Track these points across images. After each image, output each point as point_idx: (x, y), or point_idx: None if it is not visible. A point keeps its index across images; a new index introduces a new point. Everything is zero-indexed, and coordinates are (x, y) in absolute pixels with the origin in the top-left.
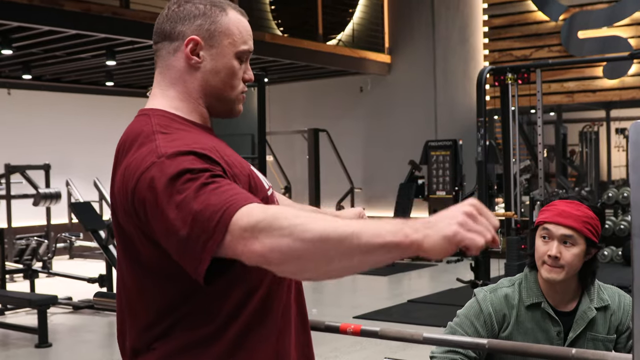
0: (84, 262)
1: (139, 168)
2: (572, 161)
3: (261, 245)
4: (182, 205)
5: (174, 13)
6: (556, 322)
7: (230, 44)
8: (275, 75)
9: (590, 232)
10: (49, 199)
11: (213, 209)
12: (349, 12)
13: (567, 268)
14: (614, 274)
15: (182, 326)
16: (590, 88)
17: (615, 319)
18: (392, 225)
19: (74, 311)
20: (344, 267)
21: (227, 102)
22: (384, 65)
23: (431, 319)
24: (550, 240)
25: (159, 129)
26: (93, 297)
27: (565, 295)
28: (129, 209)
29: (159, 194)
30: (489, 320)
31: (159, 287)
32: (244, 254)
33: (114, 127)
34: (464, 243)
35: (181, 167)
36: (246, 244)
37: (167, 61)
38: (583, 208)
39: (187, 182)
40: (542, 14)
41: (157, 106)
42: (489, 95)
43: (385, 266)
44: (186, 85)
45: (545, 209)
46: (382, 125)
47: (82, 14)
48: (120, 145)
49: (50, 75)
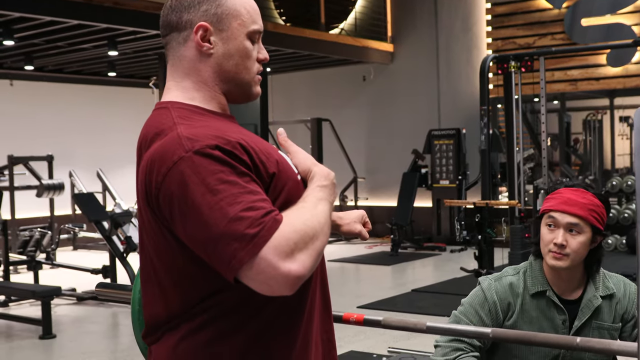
0: (88, 253)
1: (166, 161)
2: (576, 150)
3: (304, 265)
4: (215, 208)
5: (178, 2)
6: (561, 311)
7: (240, 25)
8: (278, 64)
9: (596, 220)
10: (52, 190)
11: (249, 222)
12: (352, 1)
13: (573, 256)
14: (618, 262)
15: (210, 314)
16: (593, 76)
17: (620, 307)
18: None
19: (77, 302)
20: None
21: (244, 86)
22: (386, 54)
23: (435, 308)
24: (556, 228)
25: (180, 121)
26: (95, 287)
27: (571, 283)
28: (154, 203)
29: (190, 191)
30: (494, 309)
31: (180, 282)
32: (286, 279)
33: (116, 118)
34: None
35: (212, 166)
36: (290, 269)
37: (178, 52)
38: (589, 196)
39: (220, 183)
40: (545, 1)
41: (174, 99)
42: (492, 84)
43: (389, 256)
44: (200, 73)
45: (550, 197)
46: (385, 115)
47: (84, 4)
48: (142, 139)
49: (52, 66)
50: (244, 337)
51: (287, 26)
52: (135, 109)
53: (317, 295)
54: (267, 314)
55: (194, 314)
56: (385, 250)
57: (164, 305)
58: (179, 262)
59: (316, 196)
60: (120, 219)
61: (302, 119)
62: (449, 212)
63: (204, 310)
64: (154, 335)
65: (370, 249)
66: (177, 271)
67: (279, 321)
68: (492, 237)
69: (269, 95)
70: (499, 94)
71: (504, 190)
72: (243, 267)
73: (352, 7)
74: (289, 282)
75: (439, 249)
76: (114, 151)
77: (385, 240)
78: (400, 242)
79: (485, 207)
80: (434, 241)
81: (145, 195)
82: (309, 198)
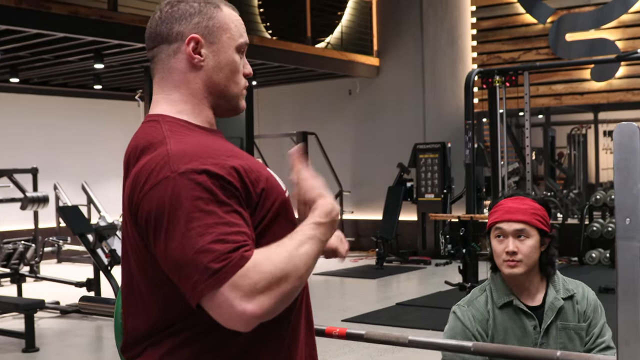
0: (72, 266)
1: (150, 179)
2: (561, 164)
3: (262, 307)
4: (187, 235)
5: (168, 14)
6: (531, 317)
7: (229, 38)
8: (264, 78)
9: (540, 222)
10: (36, 202)
11: (215, 256)
12: (338, 15)
13: (526, 260)
14: (602, 277)
15: (192, 332)
16: (578, 90)
17: (580, 307)
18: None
19: (61, 315)
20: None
21: (232, 99)
22: (372, 68)
23: (420, 322)
24: (504, 238)
25: (171, 135)
26: (79, 301)
27: (531, 288)
28: (134, 217)
29: (166, 214)
30: (477, 334)
31: (161, 297)
32: (241, 319)
33: (101, 131)
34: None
35: (193, 192)
36: (245, 309)
37: (167, 64)
38: (528, 201)
39: (197, 211)
40: (530, 16)
41: (164, 112)
42: (478, 98)
43: (374, 269)
44: (190, 86)
45: (493, 210)
46: (371, 128)
47: (70, 17)
48: (130, 151)
49: (37, 78)
50: (226, 356)
51: (274, 40)
52: (120, 122)
53: (302, 312)
54: (248, 334)
55: (177, 331)
56: (371, 263)
57: (146, 318)
58: (158, 277)
59: (306, 234)
60: (104, 232)
61: (288, 132)
62: (434, 226)
63: (186, 327)
64: (134, 350)
65: (355, 262)
66: (157, 285)
67: (260, 340)
68: (477, 250)
69: (254, 109)
70: (484, 108)
71: (489, 204)
72: (202, 299)
73: (338, 21)
74: (242, 321)
75: (424, 262)
76: (99, 164)
77: (370, 254)
78: (385, 256)
79: (470, 220)
80: (419, 255)
81: (129, 208)
82: (298, 235)
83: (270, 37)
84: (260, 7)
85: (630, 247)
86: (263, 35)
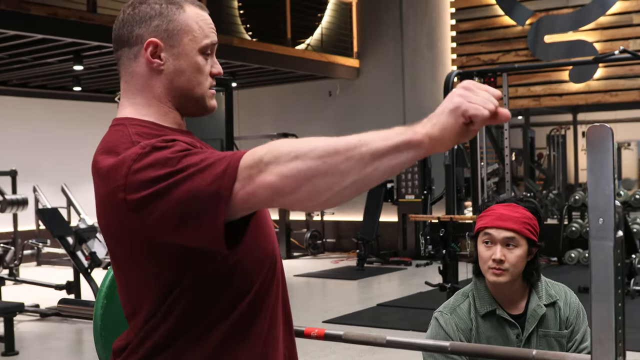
0: (52, 269)
1: (121, 170)
2: (540, 164)
3: (271, 176)
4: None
5: (130, 17)
6: (514, 325)
7: (191, 41)
8: (244, 79)
9: (531, 232)
10: (15, 205)
11: (218, 166)
12: (318, 17)
13: (512, 270)
14: (581, 277)
15: (167, 327)
16: (556, 92)
17: (563, 314)
18: (399, 128)
19: (41, 318)
20: (358, 180)
21: (198, 100)
22: (352, 70)
23: (400, 323)
24: (493, 244)
25: (137, 138)
26: (58, 303)
27: (514, 297)
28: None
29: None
30: (461, 341)
31: (144, 289)
32: (256, 192)
33: (81, 133)
34: (468, 113)
35: (172, 150)
36: (255, 181)
37: (129, 68)
38: (521, 209)
39: (182, 158)
40: (509, 18)
41: (130, 115)
42: None
43: (355, 270)
44: (153, 90)
45: (483, 214)
46: (351, 130)
47: (49, 19)
48: (96, 155)
49: (16, 80)
50: (204, 349)
51: (253, 41)
52: (100, 124)
53: (279, 312)
54: (224, 328)
55: (145, 337)
56: (351, 264)
57: (130, 310)
58: (137, 250)
59: (371, 133)
60: (84, 235)
61: (268, 133)
62: (415, 227)
63: (157, 325)
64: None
65: (336, 263)
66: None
67: (238, 336)
68: (457, 251)
69: (234, 110)
70: None
71: (469, 205)
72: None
73: (318, 23)
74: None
75: (404, 263)
76: (79, 166)
77: (351, 255)
78: (366, 257)
79: (450, 221)
80: (400, 256)
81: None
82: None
83: (250, 39)
84: (240, 8)
85: (604, 247)
86: (243, 36)
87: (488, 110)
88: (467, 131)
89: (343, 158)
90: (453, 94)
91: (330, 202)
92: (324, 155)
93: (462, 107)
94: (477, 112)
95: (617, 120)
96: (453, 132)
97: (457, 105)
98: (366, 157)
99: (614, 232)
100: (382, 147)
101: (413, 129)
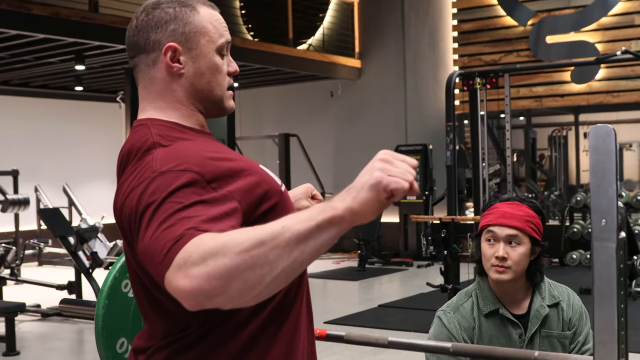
0: (53, 269)
1: (133, 184)
2: (542, 165)
3: (194, 280)
4: (158, 231)
5: (144, 23)
6: (517, 325)
7: (208, 42)
8: (246, 80)
9: (534, 231)
10: (17, 205)
11: (165, 242)
12: (319, 17)
13: (515, 267)
14: (582, 278)
15: (196, 327)
16: (558, 92)
17: (566, 315)
18: (319, 206)
19: (42, 319)
20: (288, 266)
21: (218, 102)
22: (354, 70)
23: (401, 324)
24: (496, 242)
25: (159, 139)
26: (59, 303)
27: (517, 296)
28: (124, 223)
29: (141, 208)
30: (462, 341)
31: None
32: (179, 296)
33: (83, 133)
34: (390, 188)
35: (172, 185)
36: (178, 284)
37: (148, 75)
38: (524, 208)
39: (168, 202)
40: (511, 19)
41: (152, 116)
42: (459, 100)
43: (356, 271)
44: (175, 94)
45: (487, 212)
46: (353, 130)
47: (51, 18)
48: (124, 157)
49: (18, 79)
50: (232, 348)
51: (255, 41)
52: (102, 124)
53: (304, 309)
54: (252, 328)
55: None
56: (353, 265)
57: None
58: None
59: (294, 216)
60: (86, 235)
61: (270, 134)
62: (416, 228)
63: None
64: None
65: (337, 264)
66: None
67: (266, 335)
68: (458, 252)
69: (236, 111)
70: (465, 110)
71: (471, 206)
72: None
73: (320, 23)
74: (179, 297)
75: (406, 264)
76: (81, 166)
77: (352, 256)
78: (367, 258)
79: (451, 222)
80: (401, 256)
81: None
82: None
83: (252, 39)
84: (242, 8)
85: (606, 248)
86: (245, 36)
87: (407, 182)
88: (386, 203)
89: (269, 247)
90: (373, 168)
91: (262, 295)
92: (251, 247)
93: (384, 182)
94: (397, 186)
95: (619, 121)
96: (374, 206)
97: (378, 180)
98: (292, 242)
99: (616, 233)
100: (305, 230)
101: (332, 205)
